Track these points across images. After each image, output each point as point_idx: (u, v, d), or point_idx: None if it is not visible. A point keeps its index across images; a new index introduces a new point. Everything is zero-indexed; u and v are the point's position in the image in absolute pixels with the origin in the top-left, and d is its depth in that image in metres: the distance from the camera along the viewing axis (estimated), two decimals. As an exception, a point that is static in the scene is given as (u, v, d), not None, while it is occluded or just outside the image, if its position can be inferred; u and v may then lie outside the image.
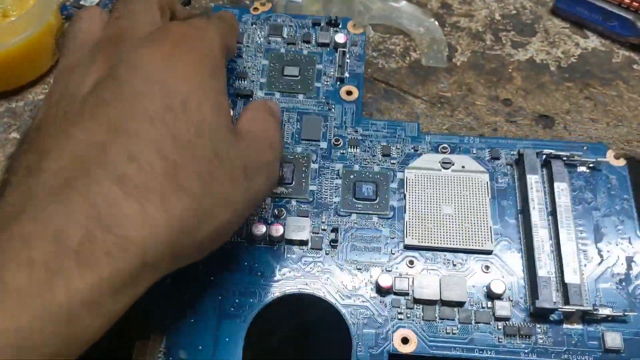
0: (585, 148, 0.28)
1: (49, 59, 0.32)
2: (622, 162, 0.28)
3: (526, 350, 0.25)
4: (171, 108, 0.18)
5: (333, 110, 0.30)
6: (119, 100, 0.18)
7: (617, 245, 0.26)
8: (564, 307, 0.25)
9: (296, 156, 0.29)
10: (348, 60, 0.31)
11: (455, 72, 0.33)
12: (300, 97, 0.30)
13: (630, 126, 0.31)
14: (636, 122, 0.31)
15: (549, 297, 0.25)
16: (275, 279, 0.26)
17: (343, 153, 0.29)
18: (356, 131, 0.29)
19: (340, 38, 0.32)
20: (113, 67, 0.19)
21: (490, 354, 0.25)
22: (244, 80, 0.31)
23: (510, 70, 0.33)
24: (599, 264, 0.26)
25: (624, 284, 0.25)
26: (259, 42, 0.32)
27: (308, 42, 0.32)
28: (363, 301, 0.26)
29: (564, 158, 0.27)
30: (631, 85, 0.32)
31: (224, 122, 0.20)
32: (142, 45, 0.20)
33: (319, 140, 0.29)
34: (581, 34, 0.34)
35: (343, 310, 0.26)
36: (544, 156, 0.28)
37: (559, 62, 0.33)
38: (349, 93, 0.30)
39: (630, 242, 0.26)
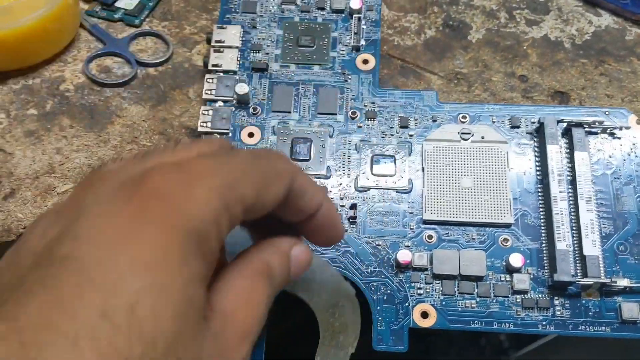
0: (607, 113, 0.28)
1: (65, 36, 0.31)
2: (644, 128, 0.27)
3: (544, 323, 0.25)
4: (109, 315, 0.13)
5: (349, 81, 0.29)
6: (43, 296, 0.13)
7: (637, 215, 0.26)
8: (582, 279, 0.24)
9: (314, 131, 0.28)
10: (364, 27, 0.30)
11: (471, 49, 0.32)
12: (316, 68, 0.29)
13: (645, 102, 0.30)
14: (650, 98, 0.30)
15: (567, 270, 0.24)
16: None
17: (360, 126, 0.28)
18: (373, 103, 0.29)
19: (355, 3, 0.31)
20: (57, 238, 0.14)
21: (509, 326, 0.25)
22: (259, 53, 0.30)
23: (525, 48, 0.32)
24: (619, 234, 0.26)
25: (643, 255, 0.25)
26: (273, 10, 0.31)
27: (322, 8, 0.31)
28: (383, 277, 0.25)
29: (585, 126, 0.27)
30: (644, 62, 0.31)
31: (189, 328, 0.14)
32: (98, 204, 0.15)
33: (335, 114, 0.28)
34: (594, 12, 0.33)
35: (363, 287, 0.25)
36: (565, 124, 0.27)
37: (573, 40, 0.32)
38: (365, 62, 0.29)
39: (650, 213, 0.26)
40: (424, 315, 0.25)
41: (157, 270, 0.14)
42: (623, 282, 0.24)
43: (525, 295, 0.25)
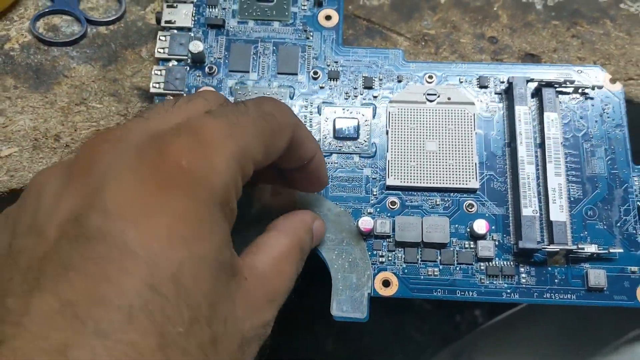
0: (579, 71, 0.26)
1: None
2: (618, 87, 0.25)
3: (508, 291, 0.23)
4: (156, 287, 0.13)
5: (311, 38, 0.27)
6: (87, 272, 0.13)
7: (607, 178, 0.24)
8: (548, 246, 0.23)
9: (273, 92, 0.26)
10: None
11: (440, 10, 0.29)
12: (276, 24, 0.27)
13: (618, 64, 0.28)
14: (623, 60, 0.28)
15: (533, 237, 0.23)
16: (253, 224, 0.24)
17: (322, 87, 0.26)
18: (336, 62, 0.26)
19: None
20: (84, 209, 0.14)
21: (472, 294, 0.23)
22: (215, 8, 0.27)
23: (495, 9, 0.30)
24: (588, 198, 0.24)
25: (611, 220, 0.24)
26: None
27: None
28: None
29: (556, 85, 0.25)
30: (618, 24, 0.29)
31: (223, 288, 0.15)
32: (119, 174, 0.14)
33: (296, 74, 0.26)
34: (569, -30, 0.31)
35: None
36: (535, 84, 0.25)
37: (545, 1, 0.30)
38: (328, 18, 0.27)
39: (620, 175, 0.24)
40: (386, 283, 0.23)
41: (193, 243, 0.14)
42: (590, 249, 0.23)
43: (490, 263, 0.23)
